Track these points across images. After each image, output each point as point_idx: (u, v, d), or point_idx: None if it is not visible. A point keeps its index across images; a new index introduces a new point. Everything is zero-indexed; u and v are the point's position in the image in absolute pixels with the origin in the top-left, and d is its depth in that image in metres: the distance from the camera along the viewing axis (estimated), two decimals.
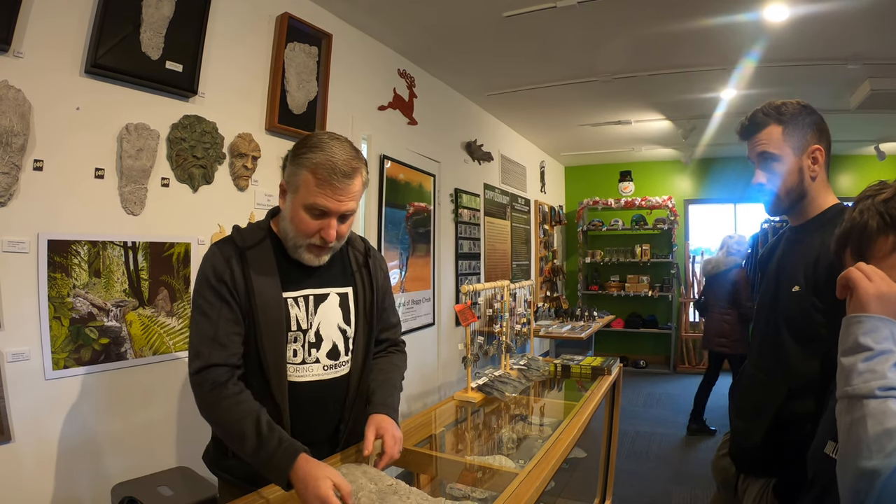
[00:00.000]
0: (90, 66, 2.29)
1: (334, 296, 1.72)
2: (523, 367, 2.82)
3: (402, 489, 1.42)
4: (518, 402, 2.50)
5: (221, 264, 1.55)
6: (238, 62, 3.00)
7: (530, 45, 4.36)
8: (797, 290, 1.68)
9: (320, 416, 1.71)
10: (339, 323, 1.73)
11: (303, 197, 1.53)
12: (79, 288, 2.23)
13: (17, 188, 2.06)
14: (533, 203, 7.94)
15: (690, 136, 6.97)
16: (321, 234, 1.57)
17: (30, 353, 2.10)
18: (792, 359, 1.69)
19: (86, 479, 2.24)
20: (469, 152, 5.78)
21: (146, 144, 2.46)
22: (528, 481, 1.51)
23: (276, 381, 1.57)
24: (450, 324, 5.34)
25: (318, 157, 1.51)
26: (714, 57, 4.53)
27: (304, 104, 3.38)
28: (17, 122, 2.04)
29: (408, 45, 4.39)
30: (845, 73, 4.72)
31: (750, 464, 1.83)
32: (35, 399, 2.11)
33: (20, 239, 2.08)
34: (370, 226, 4.05)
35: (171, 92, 2.62)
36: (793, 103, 1.72)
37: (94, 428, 2.28)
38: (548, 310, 7.42)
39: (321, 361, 1.68)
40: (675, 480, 4.41)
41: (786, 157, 1.70)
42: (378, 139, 4.15)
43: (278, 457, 1.37)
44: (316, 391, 1.67)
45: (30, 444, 2.09)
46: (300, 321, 1.64)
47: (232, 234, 1.64)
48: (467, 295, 2.43)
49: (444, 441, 2.19)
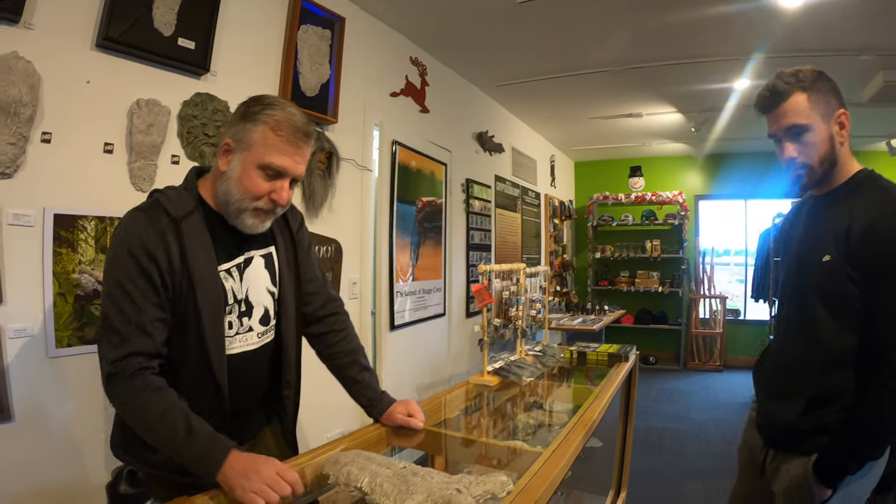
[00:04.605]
0: (101, 40, 2.23)
1: (258, 258, 1.62)
2: (538, 354, 2.76)
3: (419, 470, 1.35)
4: (534, 386, 2.44)
5: (154, 240, 1.38)
6: (251, 42, 2.95)
7: (542, 33, 4.31)
8: (828, 259, 1.61)
9: (257, 383, 1.65)
10: (267, 286, 1.64)
11: (258, 155, 1.42)
12: (85, 264, 2.17)
13: (23, 160, 2.01)
14: (543, 197, 7.88)
15: (702, 129, 6.89)
16: (272, 197, 1.46)
17: (32, 330, 2.04)
18: (826, 332, 1.63)
19: (87, 460, 2.18)
20: (480, 143, 5.72)
21: (157, 120, 2.41)
22: (553, 459, 1.46)
23: (217, 357, 1.46)
24: (460, 315, 5.29)
25: (279, 115, 1.43)
26: (727, 46, 4.46)
27: (317, 86, 3.33)
28: (26, 93, 1.98)
29: (420, 32, 4.34)
30: (858, 64, 4.62)
31: (784, 441, 1.76)
32: (37, 377, 2.05)
33: (26, 212, 2.02)
34: (381, 217, 4.00)
35: (183, 69, 2.57)
36: (808, 69, 1.65)
37: (97, 408, 2.21)
38: (558, 303, 7.36)
39: (254, 329, 1.60)
40: (689, 475, 4.34)
41: (816, 125, 1.61)
42: (390, 125, 4.10)
43: (213, 449, 1.28)
44: (251, 360, 1.59)
45: (30, 423, 2.03)
46: (235, 292, 1.54)
47: (159, 199, 1.46)
48: (484, 275, 2.37)
49: (459, 424, 2.14)
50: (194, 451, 1.29)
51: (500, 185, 6.24)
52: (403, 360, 4.22)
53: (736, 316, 8.88)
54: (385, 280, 4.02)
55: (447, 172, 4.99)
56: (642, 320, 9.01)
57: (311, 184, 3.21)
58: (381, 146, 4.01)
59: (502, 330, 2.46)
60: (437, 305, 4.83)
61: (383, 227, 4.02)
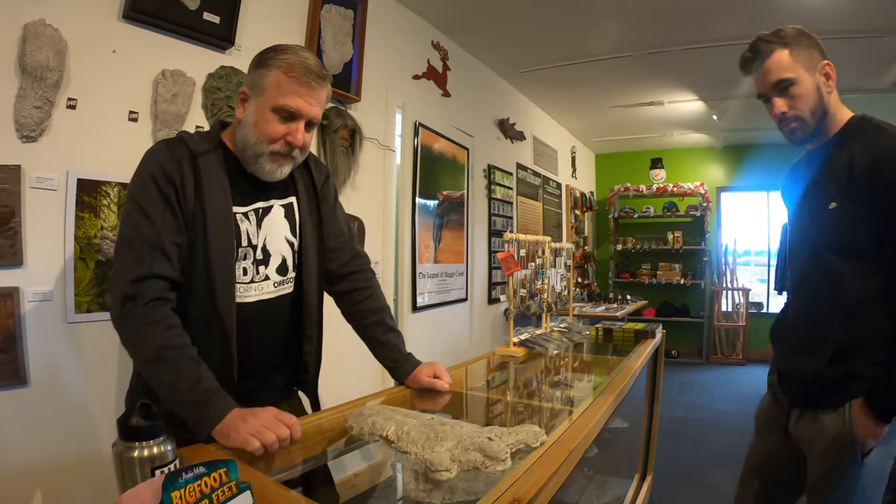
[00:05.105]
0: (129, 11, 2.25)
1: (278, 207, 1.60)
2: (564, 330, 2.73)
3: (447, 421, 1.32)
4: (561, 357, 2.41)
5: (172, 164, 1.39)
6: (275, 18, 2.97)
7: (563, 17, 4.27)
8: (834, 206, 1.60)
9: (273, 338, 1.61)
10: (286, 235, 1.61)
11: (272, 98, 1.42)
12: (107, 230, 2.17)
13: (48, 124, 2.02)
14: (564, 187, 7.82)
15: (724, 116, 6.79)
16: (287, 139, 1.45)
17: (52, 294, 2.04)
18: (846, 280, 1.60)
19: (102, 427, 2.17)
20: (502, 130, 5.69)
21: (182, 90, 2.41)
22: (587, 415, 1.43)
23: (225, 301, 1.42)
24: (482, 300, 5.27)
25: (291, 58, 1.42)
26: (746, 29, 4.36)
27: (340, 65, 3.32)
28: (53, 59, 2.00)
29: (441, 16, 4.32)
30: (880, 47, 4.50)
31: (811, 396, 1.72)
32: (54, 343, 2.05)
33: (49, 175, 2.03)
34: (403, 196, 3.99)
35: (207, 42, 2.59)
36: (788, 27, 1.66)
37: (113, 375, 2.21)
38: (580, 293, 7.31)
39: (271, 278, 1.56)
40: (714, 463, 4.27)
41: (801, 78, 1.63)
42: (412, 107, 4.09)
43: (219, 402, 1.24)
44: (267, 310, 1.56)
45: (47, 389, 2.03)
46: (251, 236, 1.52)
47: (182, 135, 1.49)
48: (510, 243, 2.34)
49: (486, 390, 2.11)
50: (196, 397, 1.24)
51: (522, 173, 6.20)
52: (425, 345, 4.19)
53: (759, 309, 8.73)
54: (408, 259, 4.02)
55: (469, 157, 4.96)
56: (664, 313, 8.89)
57: (335, 160, 3.20)
58: (403, 127, 4.00)
59: (528, 302, 2.43)
60: (459, 290, 4.80)
61: (405, 207, 4.01)
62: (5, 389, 1.92)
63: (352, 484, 2.65)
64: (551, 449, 1.17)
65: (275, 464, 1.19)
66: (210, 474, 0.79)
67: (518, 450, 1.18)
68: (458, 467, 1.10)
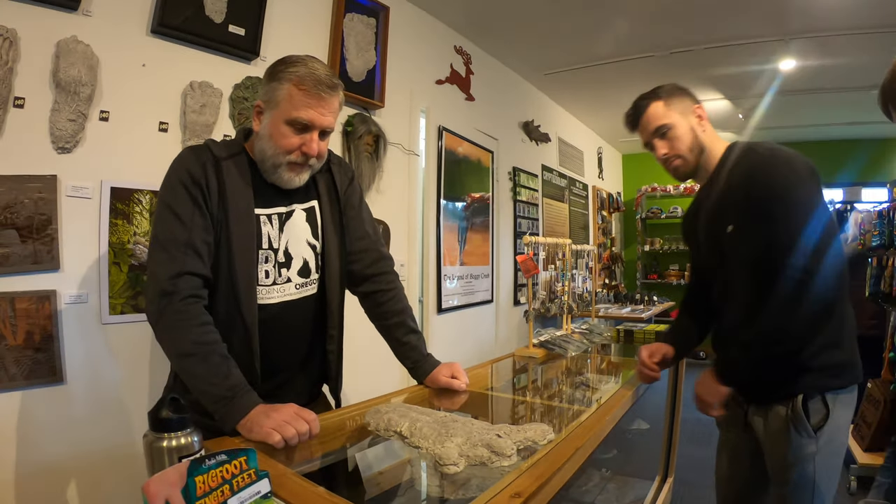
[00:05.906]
0: (157, 26, 2.34)
1: (300, 211, 1.65)
2: (585, 332, 2.75)
3: (459, 418, 1.37)
4: (581, 359, 2.44)
5: (198, 168, 1.46)
6: (299, 29, 3.04)
7: (588, 18, 4.27)
8: (731, 229, 1.72)
9: (296, 338, 1.67)
10: (307, 238, 1.66)
11: (285, 111, 1.48)
12: (139, 235, 2.26)
13: (82, 136, 2.11)
14: (591, 189, 7.80)
15: (749, 115, 6.72)
16: (302, 150, 1.51)
17: (87, 297, 2.14)
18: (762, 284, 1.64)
19: (135, 426, 2.25)
20: (526, 132, 5.71)
21: (209, 101, 2.49)
22: (598, 413, 1.46)
23: (247, 300, 1.49)
24: (508, 302, 5.30)
25: (301, 71, 1.47)
26: (770, 27, 4.34)
27: (363, 72, 3.38)
28: (86, 74, 2.09)
29: (463, 21, 4.35)
30: (893, 41, 4.36)
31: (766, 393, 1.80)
32: (89, 343, 2.15)
33: (84, 184, 2.12)
34: (428, 199, 4.04)
35: (233, 54, 2.67)
36: (665, 85, 1.91)
37: (146, 373, 2.30)
38: (607, 294, 7.28)
39: (293, 280, 1.62)
40: None
41: (676, 122, 1.85)
42: (436, 112, 4.14)
43: (245, 398, 1.33)
44: (290, 311, 1.61)
45: (82, 386, 2.12)
46: (272, 239, 1.57)
47: (207, 142, 1.57)
48: (529, 245, 2.38)
49: (504, 390, 2.15)
50: (223, 393, 1.33)
51: (547, 175, 6.21)
52: (450, 346, 4.23)
53: None
54: (433, 262, 4.07)
55: (494, 160, 4.99)
56: None
57: (360, 165, 3.27)
58: (427, 131, 4.05)
59: (548, 304, 2.46)
60: (484, 292, 4.84)
61: (430, 210, 4.06)
62: (43, 387, 2.02)
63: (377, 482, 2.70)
64: (557, 447, 1.21)
65: (296, 457, 1.25)
66: (231, 461, 0.86)
67: (526, 447, 1.22)
68: (466, 462, 1.15)
